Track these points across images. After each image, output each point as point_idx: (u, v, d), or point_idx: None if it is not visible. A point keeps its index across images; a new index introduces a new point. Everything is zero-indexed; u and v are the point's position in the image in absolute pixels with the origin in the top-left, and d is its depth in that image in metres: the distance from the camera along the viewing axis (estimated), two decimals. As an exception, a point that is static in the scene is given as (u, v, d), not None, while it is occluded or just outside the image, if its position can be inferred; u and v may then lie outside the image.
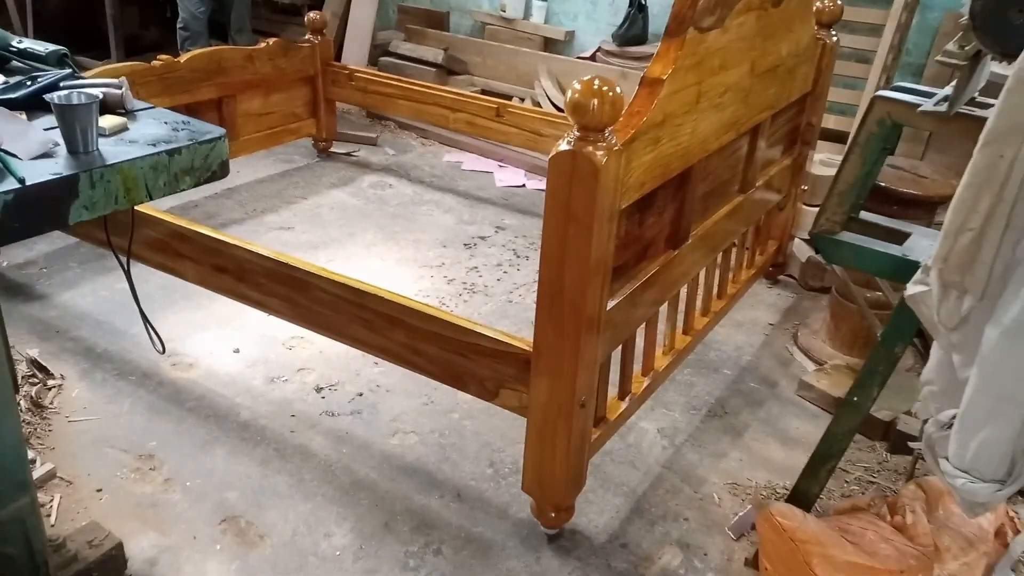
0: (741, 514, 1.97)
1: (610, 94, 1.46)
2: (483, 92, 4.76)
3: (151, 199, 1.37)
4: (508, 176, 4.04)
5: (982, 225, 1.21)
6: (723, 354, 2.67)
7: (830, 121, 3.64)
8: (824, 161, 3.22)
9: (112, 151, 1.32)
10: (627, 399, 2.06)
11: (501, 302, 2.90)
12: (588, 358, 1.68)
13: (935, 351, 1.41)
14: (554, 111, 4.34)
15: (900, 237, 1.59)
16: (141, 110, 1.55)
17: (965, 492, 1.36)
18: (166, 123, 1.49)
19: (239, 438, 2.15)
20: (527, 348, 1.73)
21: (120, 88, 1.53)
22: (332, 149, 4.15)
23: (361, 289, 1.94)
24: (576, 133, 1.49)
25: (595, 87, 1.45)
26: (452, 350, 1.85)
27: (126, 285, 1.97)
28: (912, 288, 1.35)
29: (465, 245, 3.29)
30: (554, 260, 1.58)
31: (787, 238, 3.07)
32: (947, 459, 1.37)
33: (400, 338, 1.93)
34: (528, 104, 4.48)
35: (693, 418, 2.35)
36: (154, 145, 1.37)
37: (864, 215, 1.64)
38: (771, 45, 2.24)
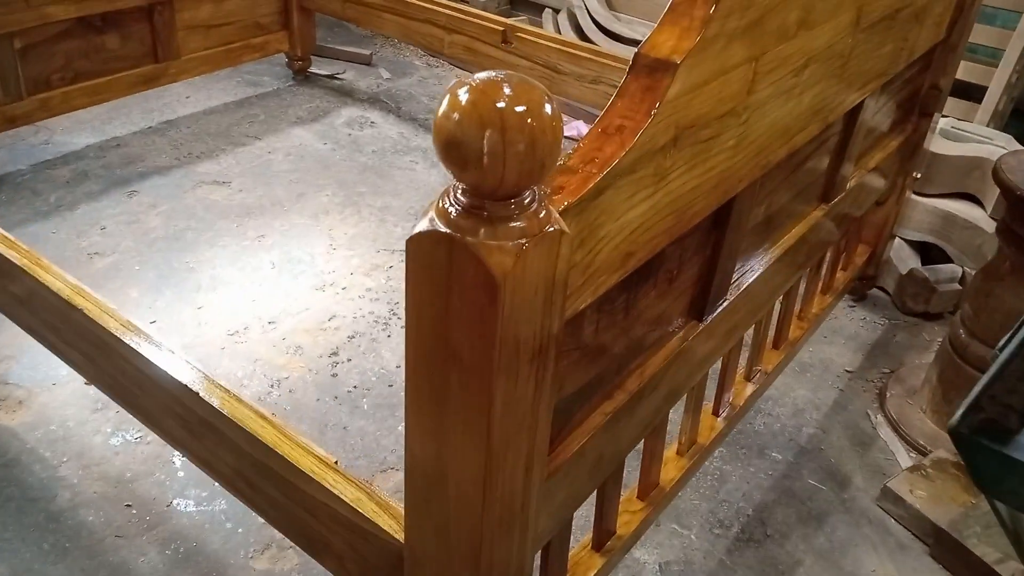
0: None
1: (528, 121, 0.64)
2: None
3: None
4: (525, 115, 3.18)
5: None
6: (774, 422, 1.87)
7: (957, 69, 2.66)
8: (946, 131, 2.29)
9: None
10: (608, 546, 1.30)
11: (474, 314, 2.13)
12: (501, 563, 0.92)
13: None
14: (586, 37, 3.42)
15: None
16: None
17: None
18: None
19: (38, 544, 1.47)
20: (397, 536, 0.97)
21: None
22: (312, 69, 3.34)
23: (172, 375, 1.18)
24: (460, 198, 0.69)
25: (490, 105, 0.63)
26: (297, 501, 1.11)
27: None
28: None
29: (447, 218, 2.50)
30: (427, 425, 0.81)
31: (884, 241, 2.19)
32: None
33: (229, 460, 1.19)
34: (564, 19, 3.57)
35: (716, 543, 1.58)
36: None
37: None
38: (894, -25, 1.35)
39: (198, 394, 1.15)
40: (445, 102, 0.66)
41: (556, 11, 3.68)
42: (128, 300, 2.04)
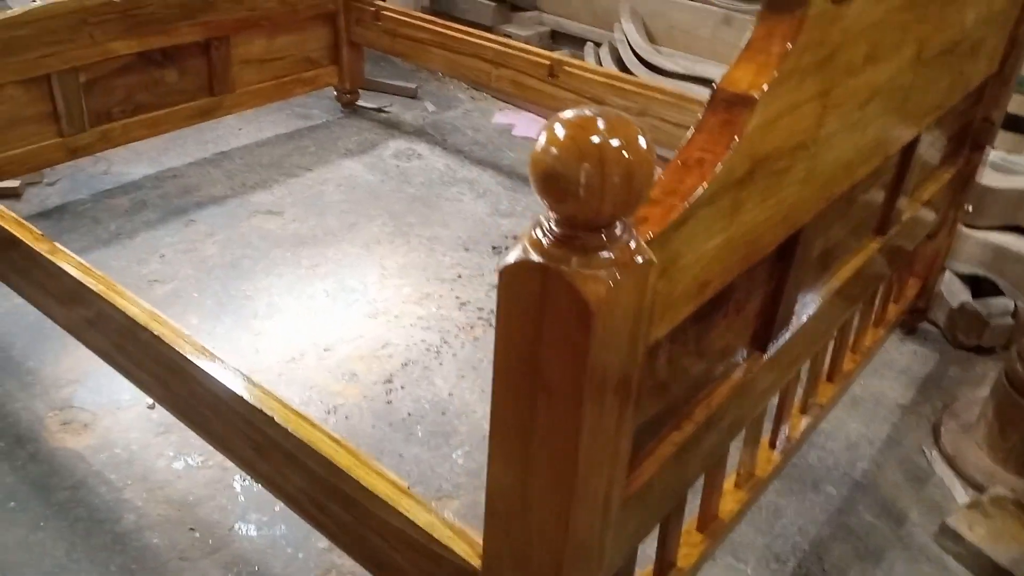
0: None
1: (624, 155, 0.66)
2: (552, 34, 3.92)
3: None
4: (569, 148, 3.21)
5: None
6: (828, 456, 1.86)
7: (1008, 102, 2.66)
8: (997, 164, 2.28)
9: None
10: (668, 576, 1.31)
11: (524, 344, 2.14)
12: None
13: None
14: (627, 70, 3.47)
15: None
16: None
17: None
18: None
19: (105, 565, 1.50)
20: (472, 562, 0.99)
21: None
22: (359, 102, 3.41)
23: (243, 397, 1.22)
24: (553, 228, 0.71)
25: (587, 139, 0.66)
26: (368, 525, 1.13)
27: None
28: None
29: (494, 248, 2.53)
30: (511, 453, 0.83)
31: (935, 274, 2.19)
32: None
33: (298, 482, 1.22)
34: (605, 53, 3.62)
35: (773, 577, 1.57)
36: None
37: None
38: (952, 11, 1.36)
39: (272, 418, 1.18)
40: (543, 138, 0.68)
41: (597, 45, 3.74)
42: (188, 326, 2.08)
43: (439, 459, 1.76)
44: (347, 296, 2.26)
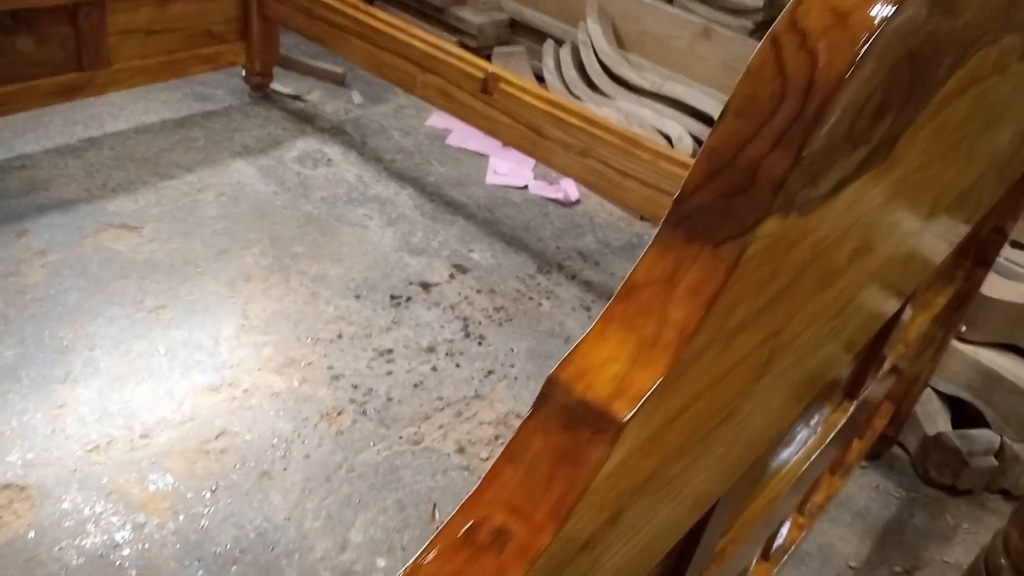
0: None
1: None
2: (511, 23, 3.44)
3: None
4: (508, 168, 2.77)
5: None
6: (754, 643, 1.47)
7: None
8: (1004, 270, 1.88)
9: None
10: None
11: (401, 448, 1.72)
12: None
13: None
14: (588, 77, 3.01)
15: None
16: None
17: None
18: None
19: None
20: None
21: None
22: (274, 86, 2.92)
23: None
24: None
25: None
26: None
27: None
28: None
29: (392, 298, 2.09)
30: None
31: (913, 400, 1.79)
32: None
33: None
34: (567, 54, 3.15)
35: None
36: None
37: None
38: (989, 137, 0.93)
39: None
40: None
41: (559, 43, 3.27)
42: (-29, 387, 1.64)
43: (248, 624, 1.35)
44: (190, 356, 1.81)
